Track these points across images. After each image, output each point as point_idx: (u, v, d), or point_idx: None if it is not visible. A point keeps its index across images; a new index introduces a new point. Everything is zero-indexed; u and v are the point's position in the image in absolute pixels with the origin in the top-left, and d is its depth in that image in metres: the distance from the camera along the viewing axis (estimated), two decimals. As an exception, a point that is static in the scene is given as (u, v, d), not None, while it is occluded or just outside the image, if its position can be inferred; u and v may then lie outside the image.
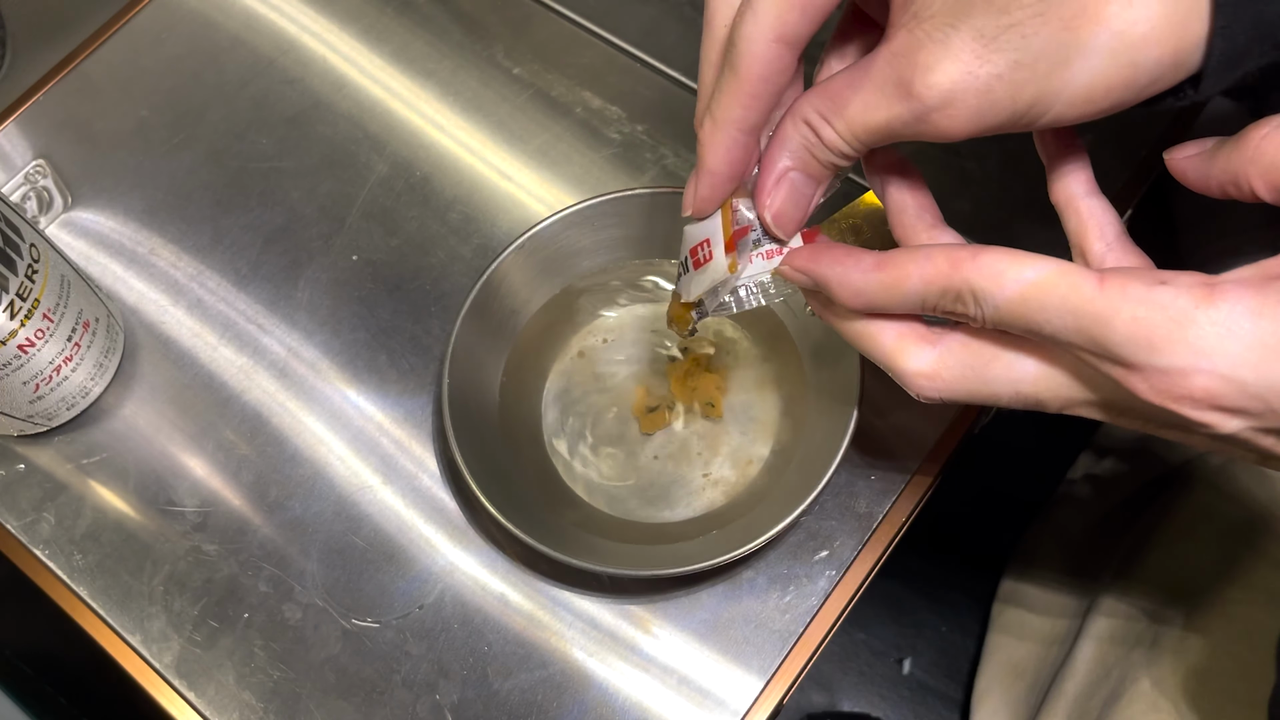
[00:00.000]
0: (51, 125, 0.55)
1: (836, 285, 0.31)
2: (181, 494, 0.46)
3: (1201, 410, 0.25)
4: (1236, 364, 0.24)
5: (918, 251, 0.29)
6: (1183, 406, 0.25)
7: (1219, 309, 0.24)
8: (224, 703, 0.43)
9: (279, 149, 0.54)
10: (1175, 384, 0.25)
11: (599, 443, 0.46)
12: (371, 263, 0.51)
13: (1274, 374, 0.24)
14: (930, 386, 0.31)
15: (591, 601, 0.44)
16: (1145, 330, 0.25)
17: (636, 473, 0.45)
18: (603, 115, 0.54)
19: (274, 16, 0.57)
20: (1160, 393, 0.25)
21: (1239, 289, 0.24)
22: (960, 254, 0.28)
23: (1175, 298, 0.25)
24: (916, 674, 0.73)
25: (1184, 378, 0.25)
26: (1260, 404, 0.25)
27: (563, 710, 0.42)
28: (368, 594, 0.44)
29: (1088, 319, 0.26)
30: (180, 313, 0.50)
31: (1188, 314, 0.24)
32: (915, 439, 0.46)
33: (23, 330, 0.42)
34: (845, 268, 0.31)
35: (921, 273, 0.29)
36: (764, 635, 0.43)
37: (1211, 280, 0.25)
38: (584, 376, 0.47)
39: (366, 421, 0.48)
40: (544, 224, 0.44)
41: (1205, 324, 0.24)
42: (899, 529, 0.44)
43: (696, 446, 0.46)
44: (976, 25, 0.26)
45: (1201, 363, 0.24)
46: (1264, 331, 0.24)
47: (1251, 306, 0.24)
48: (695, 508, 0.44)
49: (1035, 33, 0.25)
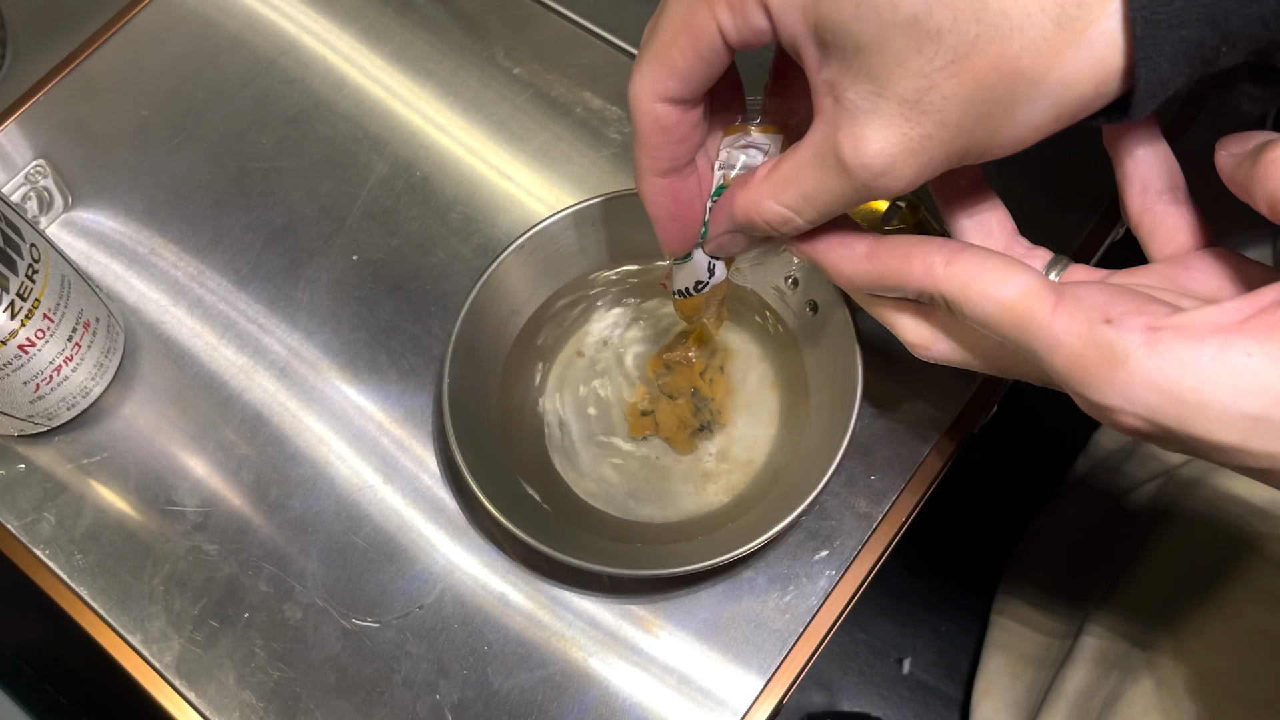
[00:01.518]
0: (52, 125, 0.55)
1: (832, 271, 0.33)
2: (182, 494, 0.47)
3: (1136, 435, 0.27)
4: (1156, 412, 0.25)
5: (899, 250, 0.31)
6: (1117, 428, 0.27)
7: (1151, 359, 0.25)
8: (224, 702, 0.43)
9: (279, 149, 0.54)
10: (1105, 416, 0.27)
11: (599, 442, 0.46)
12: (372, 262, 0.51)
13: (1191, 423, 0.25)
14: (926, 354, 0.34)
15: (592, 601, 0.44)
16: (1080, 369, 0.26)
17: (637, 472, 0.45)
18: (603, 115, 0.54)
19: (274, 16, 0.57)
20: (1096, 414, 0.27)
21: (1176, 340, 0.25)
22: (934, 261, 0.29)
23: (1114, 340, 0.26)
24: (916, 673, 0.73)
25: (1113, 414, 0.26)
26: (1186, 445, 0.26)
27: (563, 710, 0.42)
28: (368, 593, 0.44)
29: (1039, 344, 0.27)
30: (181, 312, 0.50)
31: (1121, 359, 0.25)
32: (915, 439, 0.46)
33: (23, 330, 0.42)
34: (838, 256, 0.32)
35: (902, 273, 0.30)
36: (764, 635, 0.43)
37: (1158, 324, 0.25)
38: (584, 376, 0.47)
39: (367, 421, 0.48)
40: (544, 224, 0.44)
41: (1136, 371, 0.25)
42: (899, 529, 0.44)
43: (697, 446, 0.46)
44: (898, 91, 0.26)
45: (1126, 406, 0.26)
46: (1188, 385, 0.25)
47: (1184, 359, 0.25)
48: (695, 508, 0.44)
49: (953, 92, 0.26)
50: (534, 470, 0.45)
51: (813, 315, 0.44)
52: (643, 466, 0.45)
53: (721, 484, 0.45)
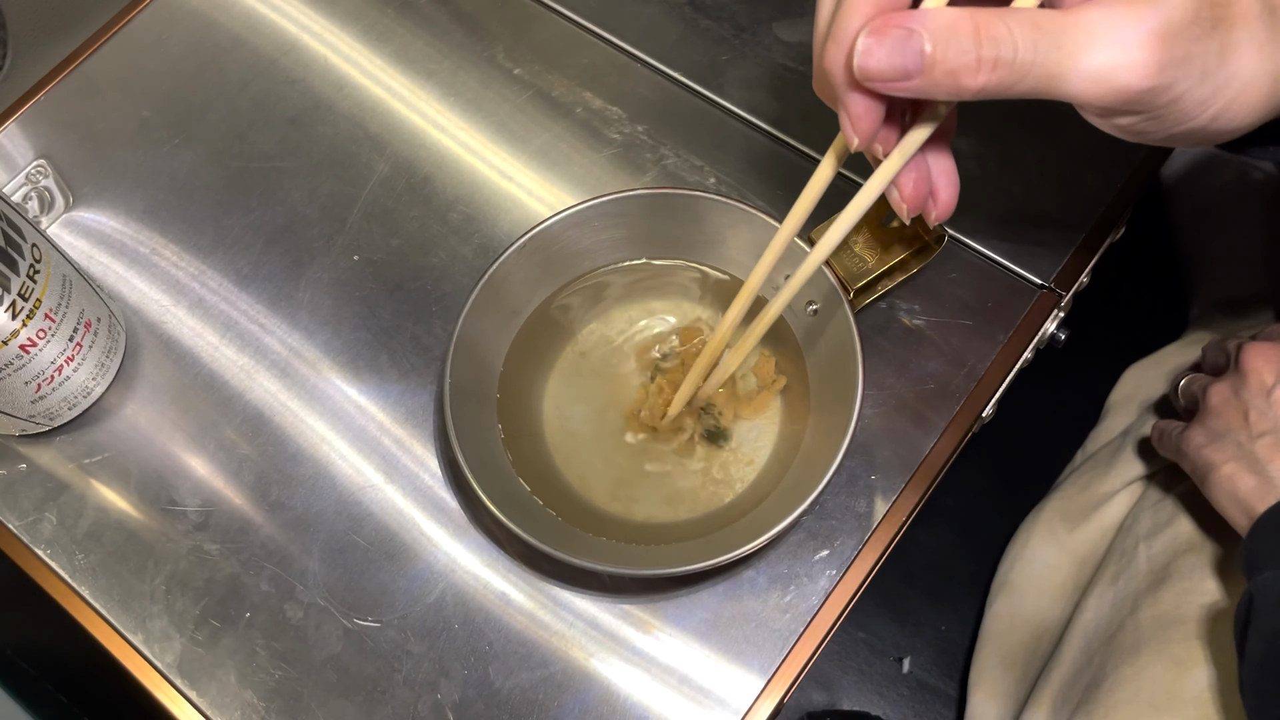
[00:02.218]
0: (53, 125, 0.55)
1: None
2: (183, 493, 0.47)
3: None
4: None
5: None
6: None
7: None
8: (225, 702, 0.43)
9: (280, 149, 0.54)
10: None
11: (600, 442, 0.46)
12: (373, 263, 0.51)
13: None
14: None
15: (593, 601, 0.44)
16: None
17: (637, 472, 0.45)
18: (603, 116, 0.54)
19: (275, 17, 0.58)
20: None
21: None
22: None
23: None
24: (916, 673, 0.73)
25: None
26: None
27: (564, 709, 0.42)
28: (369, 593, 0.44)
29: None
30: (182, 312, 0.50)
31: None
32: (915, 439, 0.46)
33: (24, 330, 0.42)
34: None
35: None
36: (764, 634, 0.43)
37: None
38: (585, 376, 0.47)
39: (368, 421, 0.48)
40: (545, 224, 0.44)
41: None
42: (899, 529, 0.44)
43: (698, 447, 0.46)
44: None
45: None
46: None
47: None
48: (696, 508, 0.44)
49: None
50: (534, 470, 0.45)
51: (813, 315, 0.44)
52: (644, 467, 0.45)
53: (721, 485, 0.45)
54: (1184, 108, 0.30)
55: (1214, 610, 0.47)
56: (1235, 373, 0.46)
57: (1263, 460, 0.43)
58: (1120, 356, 0.66)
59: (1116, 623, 0.51)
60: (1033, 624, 0.60)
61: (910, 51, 0.28)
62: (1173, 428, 0.50)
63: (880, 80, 0.29)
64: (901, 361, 0.47)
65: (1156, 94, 0.29)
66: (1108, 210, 0.50)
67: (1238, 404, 0.45)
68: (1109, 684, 0.48)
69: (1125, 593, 0.52)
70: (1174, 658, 0.46)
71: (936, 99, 0.30)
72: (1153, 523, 0.53)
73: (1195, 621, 0.47)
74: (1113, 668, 0.49)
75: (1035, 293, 0.49)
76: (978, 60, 0.28)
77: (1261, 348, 0.46)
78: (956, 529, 0.74)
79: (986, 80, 0.28)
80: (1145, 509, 0.54)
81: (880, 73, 0.29)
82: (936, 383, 0.47)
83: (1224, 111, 0.30)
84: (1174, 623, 0.47)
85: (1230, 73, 0.29)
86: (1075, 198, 0.50)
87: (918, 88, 0.29)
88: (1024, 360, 0.48)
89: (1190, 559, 0.49)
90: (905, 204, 0.34)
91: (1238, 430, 0.45)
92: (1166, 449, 0.51)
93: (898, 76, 0.29)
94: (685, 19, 0.56)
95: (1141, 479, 0.57)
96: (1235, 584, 0.47)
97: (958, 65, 0.28)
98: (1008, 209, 0.50)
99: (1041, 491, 0.64)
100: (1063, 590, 0.59)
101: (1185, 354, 0.62)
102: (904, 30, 0.28)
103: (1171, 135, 0.31)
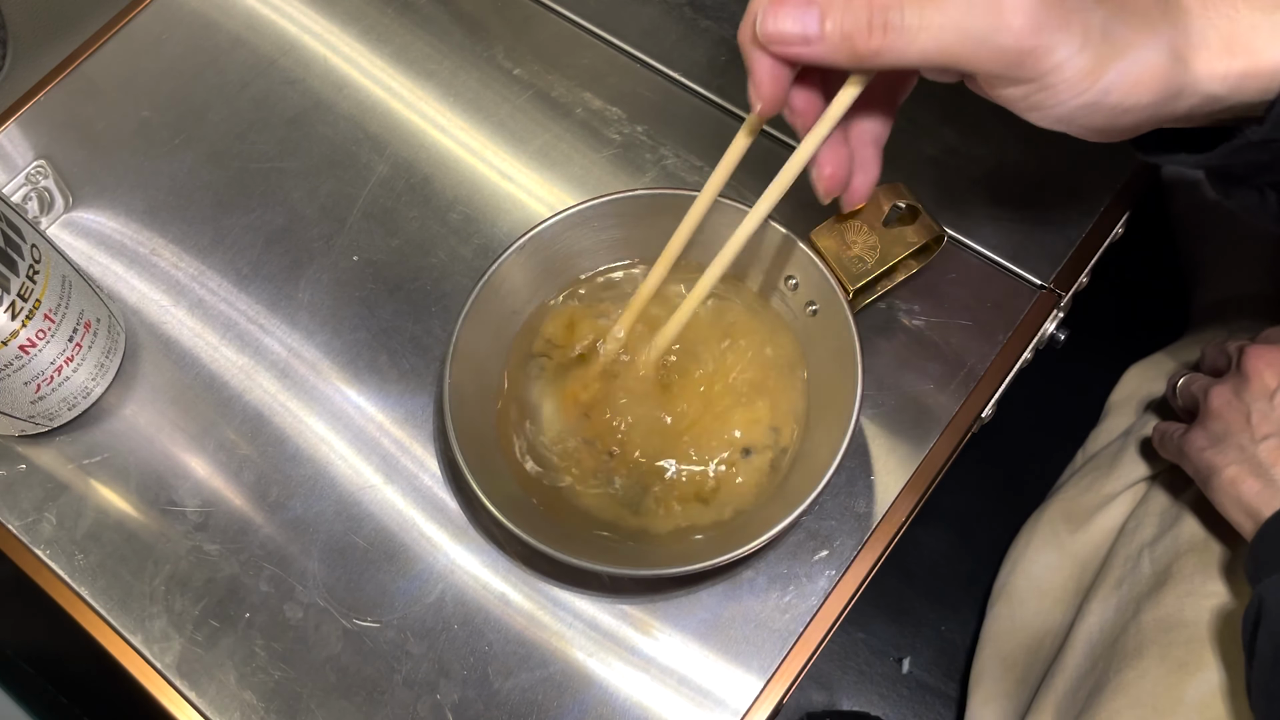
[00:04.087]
0: (52, 126, 0.55)
1: None
2: (183, 494, 0.47)
3: None
4: None
5: None
6: None
7: None
8: (225, 702, 0.43)
9: (280, 149, 0.54)
10: None
11: (600, 442, 0.46)
12: (372, 263, 0.51)
13: None
14: None
15: (592, 601, 0.44)
16: None
17: (637, 473, 0.45)
18: (603, 116, 0.54)
19: (275, 17, 0.58)
20: None
21: None
22: None
23: None
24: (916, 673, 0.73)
25: None
26: None
27: (563, 710, 0.42)
28: (369, 593, 0.44)
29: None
30: (181, 313, 0.50)
31: None
32: (915, 439, 0.46)
33: (24, 331, 0.42)
34: None
35: None
36: (764, 635, 0.43)
37: None
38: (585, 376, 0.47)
39: (367, 421, 0.48)
40: (545, 225, 0.44)
41: None
42: (899, 529, 0.44)
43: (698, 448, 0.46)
44: None
45: None
46: None
47: None
48: (696, 508, 0.44)
49: None
50: (535, 470, 0.45)
51: (813, 316, 0.44)
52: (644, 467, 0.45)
53: (721, 485, 0.45)
54: (1068, 76, 0.31)
55: (1217, 612, 0.47)
56: (1237, 375, 0.46)
57: (1266, 464, 0.43)
58: (1120, 356, 0.66)
59: (1119, 626, 0.51)
60: (1034, 627, 0.60)
61: (808, 17, 0.32)
62: (1174, 430, 0.50)
63: (781, 43, 0.33)
64: (901, 362, 0.47)
65: (1037, 57, 0.30)
66: (1108, 210, 0.50)
67: (1239, 406, 0.45)
68: (1111, 688, 0.48)
69: (1128, 597, 0.52)
70: (1177, 661, 0.46)
71: (839, 65, 0.33)
72: (1155, 525, 0.53)
73: (1198, 624, 0.47)
74: (1115, 672, 0.49)
75: (1035, 293, 0.49)
76: (869, 25, 0.31)
77: (1264, 350, 0.46)
78: (956, 529, 0.74)
79: (880, 43, 0.31)
80: (1147, 511, 0.54)
81: (781, 35, 0.32)
82: (936, 383, 0.47)
83: (1116, 85, 0.31)
84: (1176, 625, 0.47)
85: (1118, 45, 0.31)
86: (1075, 198, 0.50)
87: (818, 54, 0.32)
88: (1024, 360, 0.48)
89: (1192, 560, 0.49)
90: (821, 184, 0.38)
91: (1240, 433, 0.45)
92: (1168, 451, 0.51)
93: (798, 41, 0.32)
94: (685, 19, 0.56)
95: (1143, 480, 0.57)
96: (1238, 585, 0.47)
97: (851, 28, 0.31)
98: (1008, 209, 0.50)
99: (1041, 491, 0.64)
100: (1064, 594, 0.59)
101: (1185, 354, 0.62)
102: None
103: (1072, 112, 0.32)
